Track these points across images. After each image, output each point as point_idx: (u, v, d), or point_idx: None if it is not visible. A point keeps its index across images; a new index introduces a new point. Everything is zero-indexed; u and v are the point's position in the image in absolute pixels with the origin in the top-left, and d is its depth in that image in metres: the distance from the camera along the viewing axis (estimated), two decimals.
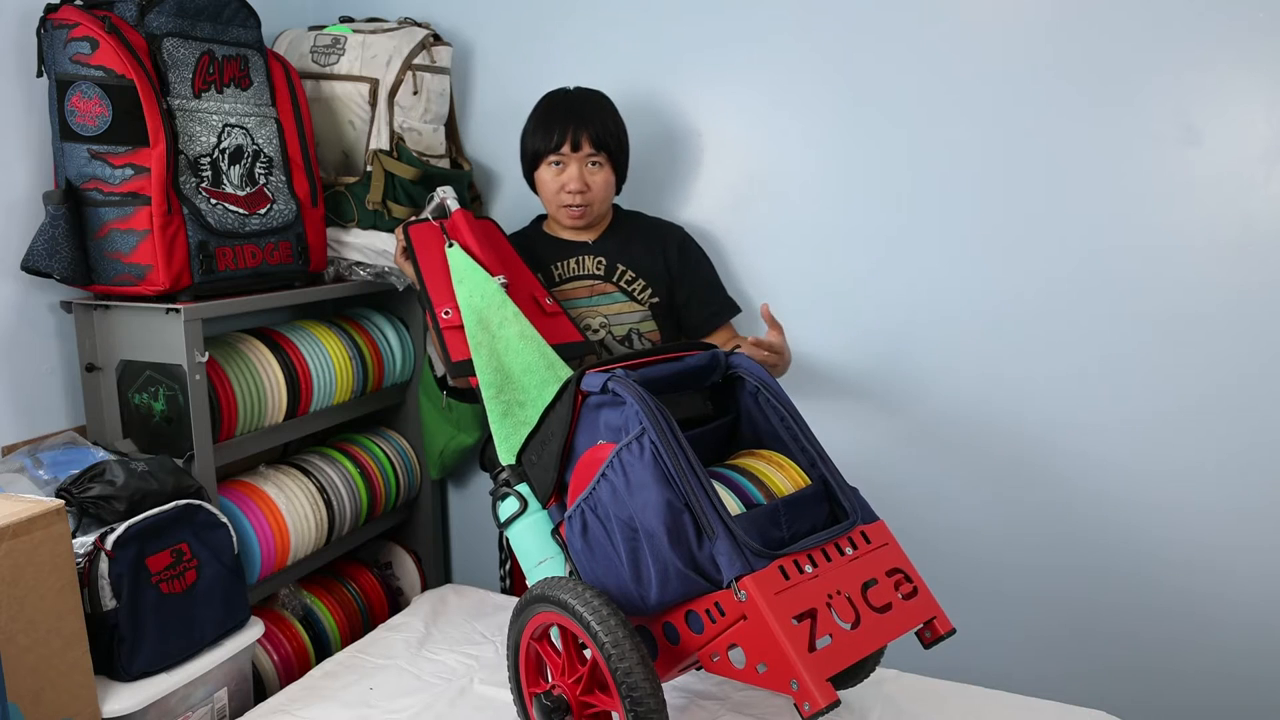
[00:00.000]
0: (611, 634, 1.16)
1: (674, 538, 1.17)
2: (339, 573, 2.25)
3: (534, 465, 1.39)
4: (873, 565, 1.24)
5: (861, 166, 1.97)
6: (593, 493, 1.27)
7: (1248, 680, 1.82)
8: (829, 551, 1.22)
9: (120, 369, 1.75)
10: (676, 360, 1.37)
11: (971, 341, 1.93)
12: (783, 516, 1.24)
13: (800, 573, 1.17)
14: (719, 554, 1.15)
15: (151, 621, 1.48)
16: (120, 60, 1.62)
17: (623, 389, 1.23)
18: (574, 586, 1.23)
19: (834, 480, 1.31)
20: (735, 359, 1.41)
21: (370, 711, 1.54)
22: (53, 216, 1.65)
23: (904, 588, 1.25)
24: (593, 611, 1.18)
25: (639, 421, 1.20)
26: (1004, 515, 1.97)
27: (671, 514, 1.17)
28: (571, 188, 1.85)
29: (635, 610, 1.25)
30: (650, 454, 1.18)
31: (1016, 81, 1.83)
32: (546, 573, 1.38)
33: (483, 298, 1.66)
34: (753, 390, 1.39)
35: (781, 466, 1.33)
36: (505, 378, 1.58)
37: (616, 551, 1.25)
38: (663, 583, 1.19)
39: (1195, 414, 1.79)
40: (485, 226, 1.84)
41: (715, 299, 1.99)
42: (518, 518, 1.40)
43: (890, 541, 1.29)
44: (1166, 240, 1.77)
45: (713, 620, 1.18)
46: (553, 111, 1.87)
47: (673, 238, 1.98)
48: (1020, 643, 1.98)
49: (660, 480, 1.18)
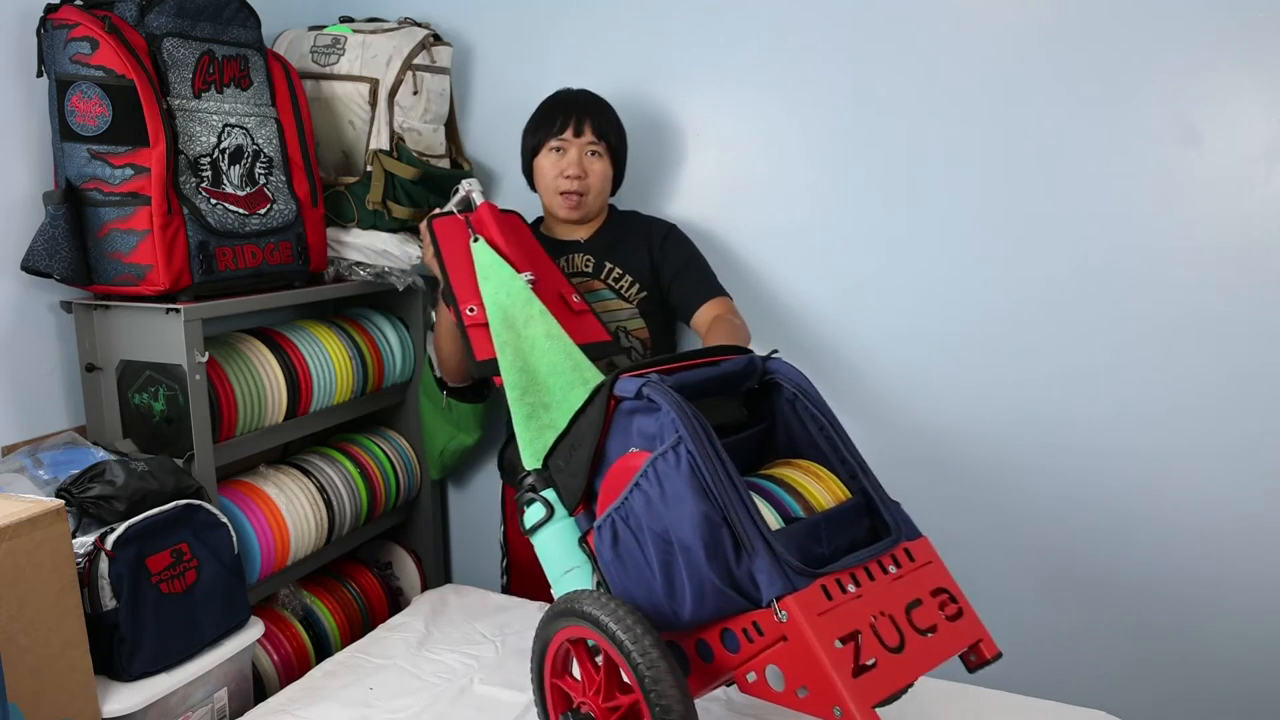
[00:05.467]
0: (645, 654, 1.10)
1: (711, 553, 1.11)
2: (339, 573, 2.25)
3: (561, 471, 1.32)
4: (917, 585, 1.18)
5: (860, 167, 1.97)
6: (625, 502, 1.20)
7: (1248, 679, 1.82)
8: (872, 570, 1.15)
9: (120, 369, 1.75)
10: (713, 365, 1.30)
11: (971, 342, 1.93)
12: (824, 532, 1.18)
13: (843, 592, 1.10)
14: (758, 571, 1.09)
15: (151, 621, 1.48)
16: (120, 60, 1.62)
17: (658, 395, 1.17)
18: (606, 603, 1.16)
19: (876, 493, 1.25)
20: (773, 364, 1.35)
21: (370, 711, 1.54)
22: (53, 216, 1.65)
23: (949, 609, 1.19)
24: (626, 630, 1.12)
25: (675, 430, 1.14)
26: (1004, 515, 1.97)
27: (709, 528, 1.11)
28: (570, 173, 1.85)
29: (667, 625, 1.19)
30: (687, 464, 1.13)
31: (1016, 81, 1.83)
32: (573, 582, 1.31)
33: (508, 295, 1.60)
34: (790, 397, 1.32)
35: (820, 478, 1.26)
36: (531, 379, 1.52)
37: (649, 564, 1.18)
38: (698, 599, 1.13)
39: (1196, 413, 1.80)
40: (511, 220, 1.81)
41: (699, 277, 1.93)
42: (544, 524, 1.33)
43: (934, 559, 1.23)
44: (1166, 240, 1.77)
45: (750, 640, 1.12)
46: (557, 104, 1.90)
47: (659, 232, 1.97)
48: (1020, 643, 1.97)
49: (697, 492, 1.12)
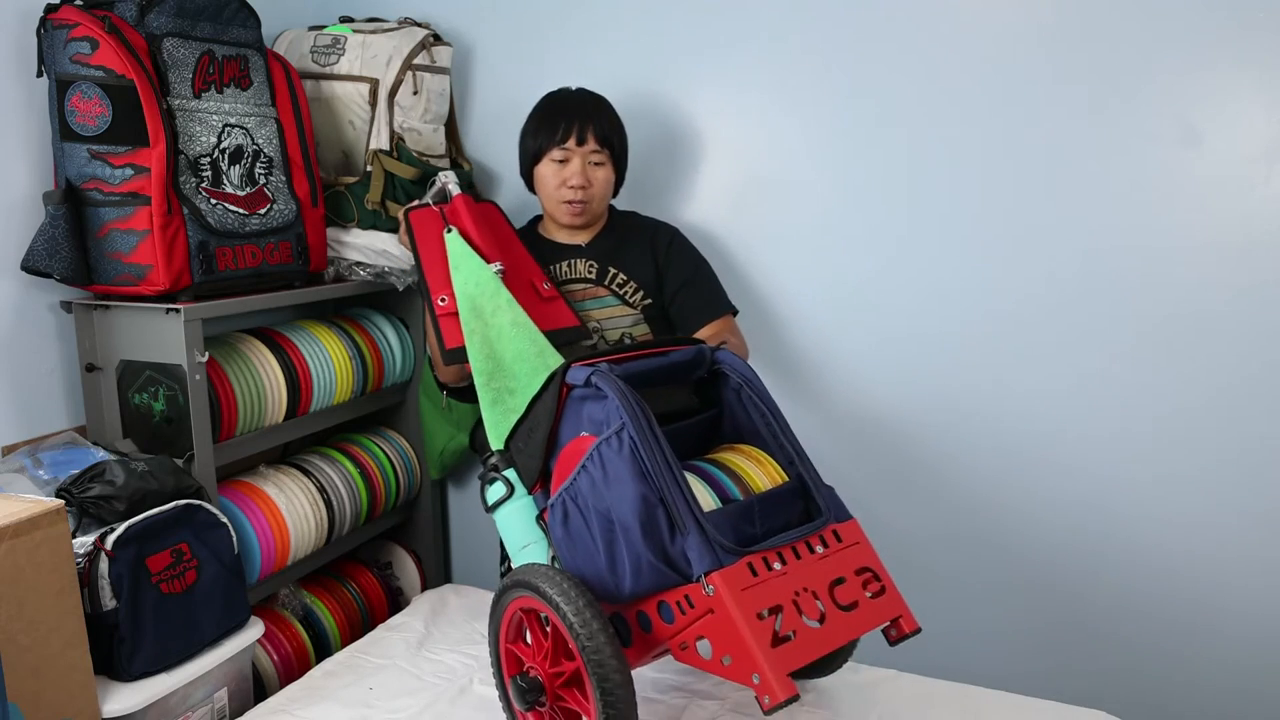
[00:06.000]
0: (582, 619, 1.19)
1: (647, 531, 1.20)
2: (339, 573, 2.25)
3: (521, 452, 1.42)
4: (842, 563, 1.27)
5: (861, 168, 1.97)
6: (573, 483, 1.30)
7: (1247, 679, 1.82)
8: (799, 549, 1.25)
9: (120, 369, 1.75)
10: (662, 355, 1.39)
11: (972, 342, 1.93)
12: (757, 513, 1.27)
13: (769, 569, 1.20)
14: (690, 549, 1.18)
15: (151, 621, 1.48)
16: (120, 60, 1.62)
17: (605, 384, 1.26)
18: (547, 572, 1.26)
19: (810, 478, 1.33)
20: (720, 355, 1.43)
21: (370, 711, 1.54)
22: (53, 216, 1.65)
23: (872, 586, 1.27)
24: (563, 594, 1.21)
25: (619, 416, 1.23)
26: (1004, 515, 1.97)
27: (646, 508, 1.20)
28: (574, 183, 1.84)
29: (610, 598, 1.29)
30: (629, 449, 1.21)
31: (1016, 82, 1.83)
32: (530, 557, 1.41)
33: (477, 285, 1.66)
34: (735, 386, 1.41)
35: (760, 462, 1.35)
36: (497, 365, 1.59)
37: (594, 541, 1.28)
38: (635, 574, 1.23)
39: (1196, 414, 1.79)
40: (486, 210, 1.83)
41: (704, 294, 1.93)
42: (504, 502, 1.43)
43: (861, 540, 1.31)
44: (1167, 240, 1.77)
45: (683, 612, 1.21)
46: (557, 108, 1.87)
47: (663, 237, 1.96)
48: (1020, 643, 1.98)
49: (636, 475, 1.20)
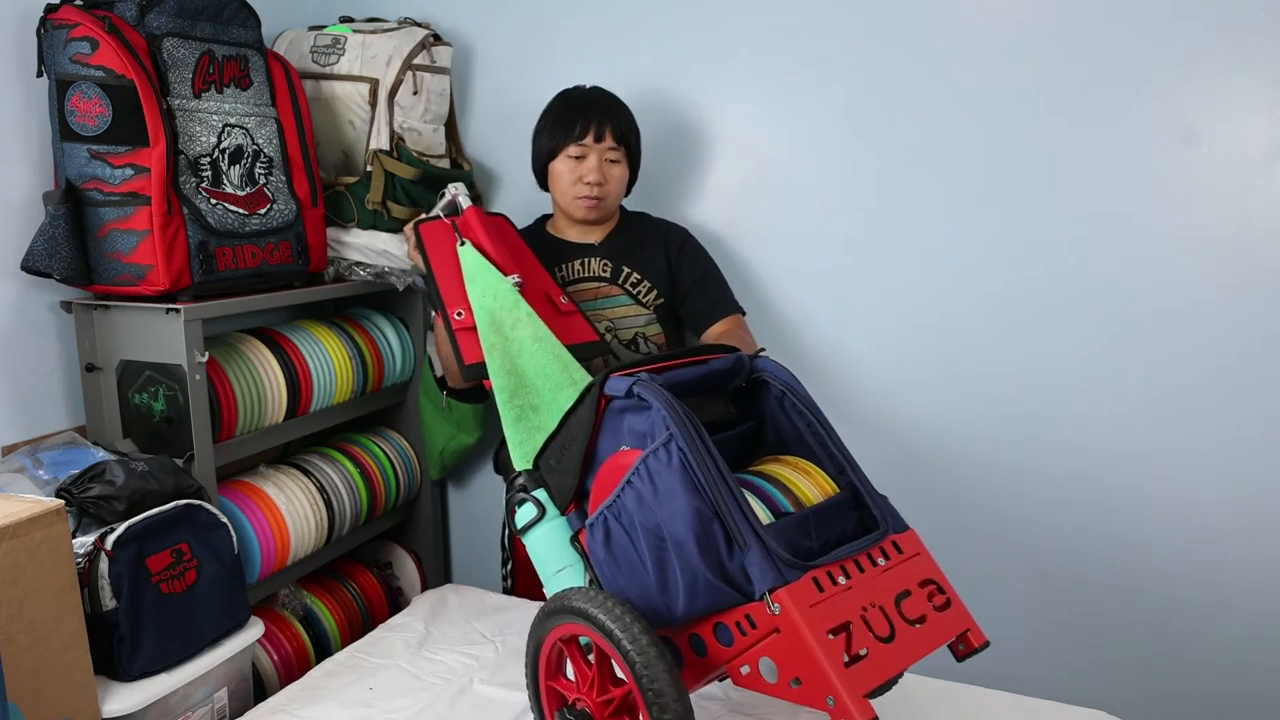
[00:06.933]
0: (637, 644, 1.11)
1: (703, 547, 1.13)
2: (339, 573, 2.25)
3: (553, 470, 1.34)
4: (905, 576, 1.20)
5: (865, 168, 1.97)
6: (617, 500, 1.22)
7: (1248, 679, 1.82)
8: (861, 562, 1.18)
9: (120, 369, 1.75)
10: (701, 364, 1.33)
11: (973, 341, 1.93)
12: (812, 526, 1.20)
13: (834, 584, 1.13)
14: (751, 565, 1.11)
15: (151, 621, 1.48)
16: (120, 60, 1.62)
17: (649, 393, 1.19)
18: (597, 597, 1.17)
19: (863, 488, 1.27)
20: (760, 362, 1.37)
21: (370, 711, 1.54)
22: (53, 216, 1.65)
23: (937, 599, 1.21)
24: (618, 622, 1.13)
25: (666, 427, 1.16)
26: (1005, 513, 1.97)
27: (701, 523, 1.13)
28: (590, 179, 1.84)
29: (660, 621, 1.21)
30: (679, 461, 1.14)
31: (1018, 83, 1.83)
32: (565, 581, 1.33)
33: (495, 298, 1.61)
34: (778, 394, 1.35)
35: (809, 474, 1.29)
36: (519, 382, 1.52)
37: (642, 560, 1.20)
38: (691, 593, 1.15)
39: (1196, 413, 1.80)
40: (498, 223, 1.81)
41: (714, 292, 1.96)
42: (535, 524, 1.35)
43: (922, 551, 1.25)
44: (1167, 240, 1.77)
45: (743, 633, 1.14)
46: (574, 105, 1.88)
47: (676, 237, 1.98)
48: (1020, 643, 1.98)
49: (689, 488, 1.14)
